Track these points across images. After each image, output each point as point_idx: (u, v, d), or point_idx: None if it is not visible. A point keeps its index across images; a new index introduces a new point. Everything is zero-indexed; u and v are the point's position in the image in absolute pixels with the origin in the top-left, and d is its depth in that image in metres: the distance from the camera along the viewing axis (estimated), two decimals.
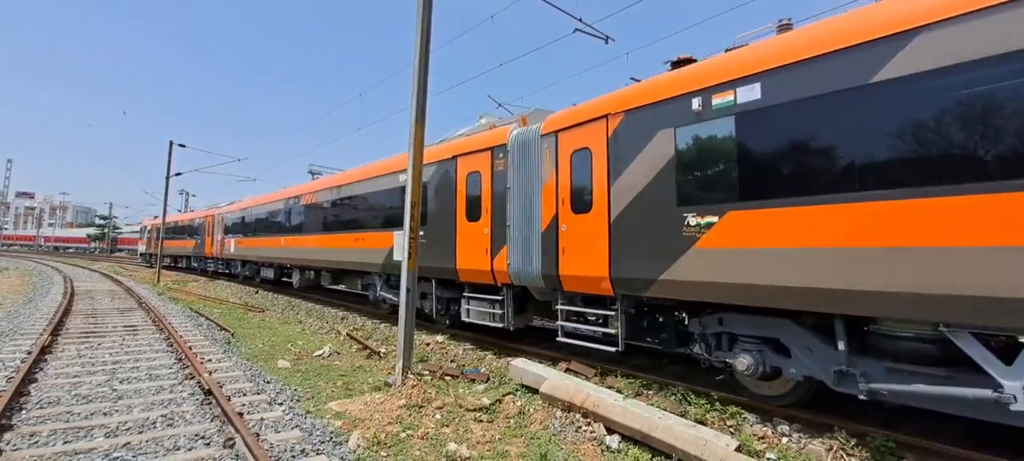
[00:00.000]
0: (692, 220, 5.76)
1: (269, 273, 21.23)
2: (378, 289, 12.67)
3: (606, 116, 6.88)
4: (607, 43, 10.07)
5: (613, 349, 6.92)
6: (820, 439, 5.11)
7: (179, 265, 35.92)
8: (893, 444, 4.85)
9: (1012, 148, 3.84)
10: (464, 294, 9.67)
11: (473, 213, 9.22)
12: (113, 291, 18.81)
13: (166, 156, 25.99)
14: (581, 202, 7.19)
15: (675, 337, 6.73)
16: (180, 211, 52.21)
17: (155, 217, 39.78)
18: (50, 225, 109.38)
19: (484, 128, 10.13)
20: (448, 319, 10.85)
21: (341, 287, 16.54)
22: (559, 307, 7.76)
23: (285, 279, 20.61)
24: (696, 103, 5.81)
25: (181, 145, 26.64)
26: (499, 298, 8.92)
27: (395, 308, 12.33)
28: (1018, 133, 3.81)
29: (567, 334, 7.73)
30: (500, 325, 8.97)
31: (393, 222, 11.55)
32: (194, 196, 64.33)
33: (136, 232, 68.79)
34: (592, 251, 6.93)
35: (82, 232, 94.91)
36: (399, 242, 10.95)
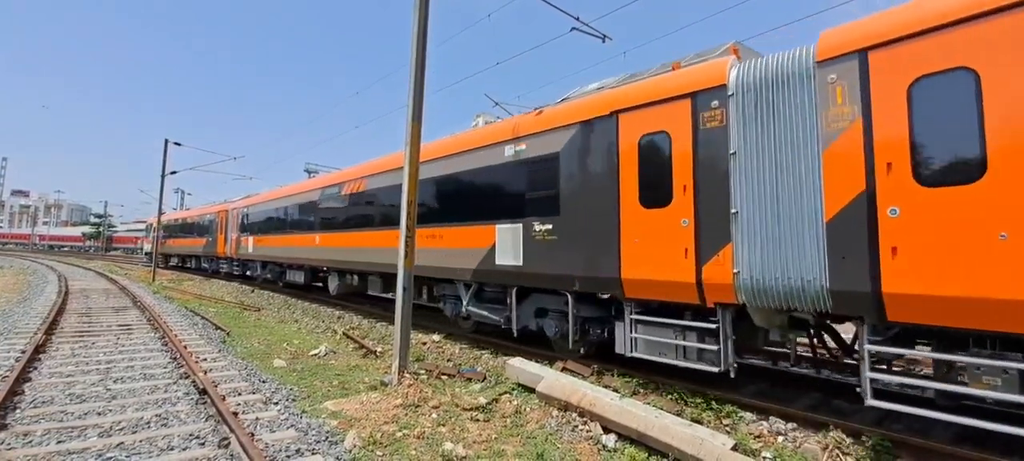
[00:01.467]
0: None
1: (298, 276, 17.89)
2: (464, 303, 9.65)
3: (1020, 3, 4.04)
4: (604, 42, 10.08)
5: None
6: (816, 438, 5.12)
7: (187, 266, 33.78)
8: (889, 443, 4.87)
9: None
10: (630, 316, 6.77)
11: (655, 195, 6.48)
12: (108, 290, 18.72)
13: (162, 154, 25.95)
14: (940, 166, 4.44)
15: None
16: (175, 209, 52.05)
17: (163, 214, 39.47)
18: (45, 223, 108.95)
19: (612, 85, 7.45)
20: (583, 347, 7.87)
21: (388, 295, 13.48)
22: (869, 347, 4.85)
23: (317, 284, 17.70)
24: None
25: (177, 143, 26.60)
26: (703, 326, 6.06)
27: (481, 325, 10.11)
28: None
29: (882, 394, 4.84)
30: (707, 367, 5.98)
31: (499, 212, 8.63)
32: (190, 195, 64.18)
33: (138, 230, 68.66)
34: (991, 253, 4.11)
35: (78, 231, 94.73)
36: (505, 240, 8.49)
